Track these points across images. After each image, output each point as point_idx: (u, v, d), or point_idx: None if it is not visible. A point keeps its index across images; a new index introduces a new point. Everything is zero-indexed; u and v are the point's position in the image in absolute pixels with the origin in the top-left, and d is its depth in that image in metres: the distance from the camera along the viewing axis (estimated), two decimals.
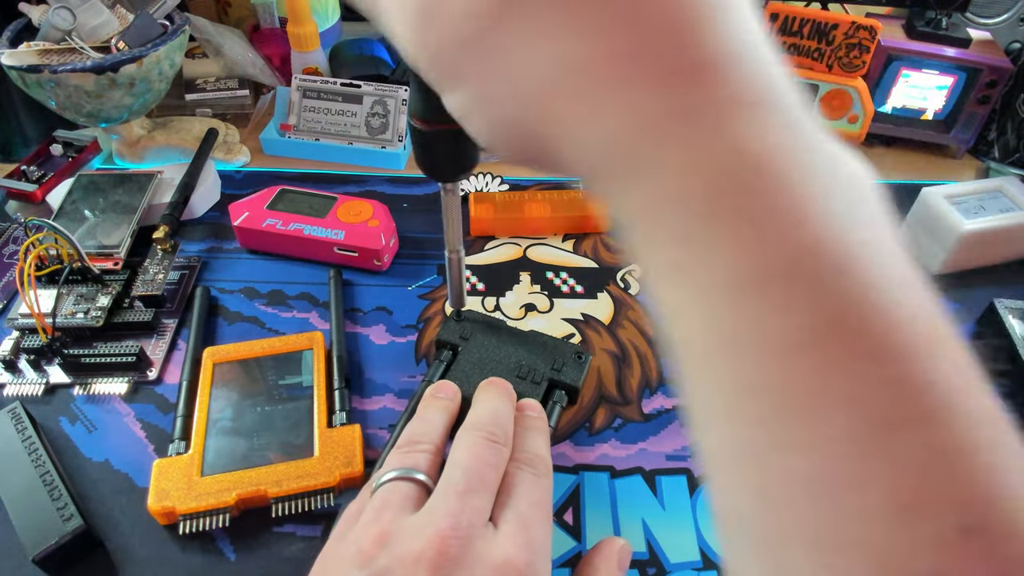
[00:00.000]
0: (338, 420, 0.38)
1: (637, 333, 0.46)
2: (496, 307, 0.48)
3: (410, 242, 0.52)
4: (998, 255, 0.51)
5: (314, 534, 0.35)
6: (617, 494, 0.37)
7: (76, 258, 0.45)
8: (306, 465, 0.35)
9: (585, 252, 0.52)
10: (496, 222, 0.53)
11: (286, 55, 0.66)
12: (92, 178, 0.53)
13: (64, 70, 0.49)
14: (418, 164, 0.31)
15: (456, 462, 0.28)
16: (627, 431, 0.40)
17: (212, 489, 0.34)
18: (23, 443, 0.36)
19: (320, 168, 0.60)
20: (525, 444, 0.30)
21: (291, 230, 0.49)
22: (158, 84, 0.54)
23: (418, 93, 0.28)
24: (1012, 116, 0.60)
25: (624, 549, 0.30)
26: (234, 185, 0.57)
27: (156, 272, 0.47)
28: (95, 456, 0.38)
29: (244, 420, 0.38)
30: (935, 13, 0.60)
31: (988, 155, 0.63)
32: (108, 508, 0.35)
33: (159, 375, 0.42)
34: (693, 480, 0.37)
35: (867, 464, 0.14)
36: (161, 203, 0.51)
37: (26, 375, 0.41)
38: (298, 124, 0.61)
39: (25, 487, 0.34)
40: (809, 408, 0.14)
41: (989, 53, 0.59)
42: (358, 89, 0.60)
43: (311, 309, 0.47)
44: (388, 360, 0.44)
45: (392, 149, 0.60)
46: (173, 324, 0.45)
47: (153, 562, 0.33)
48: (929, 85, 0.61)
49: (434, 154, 0.31)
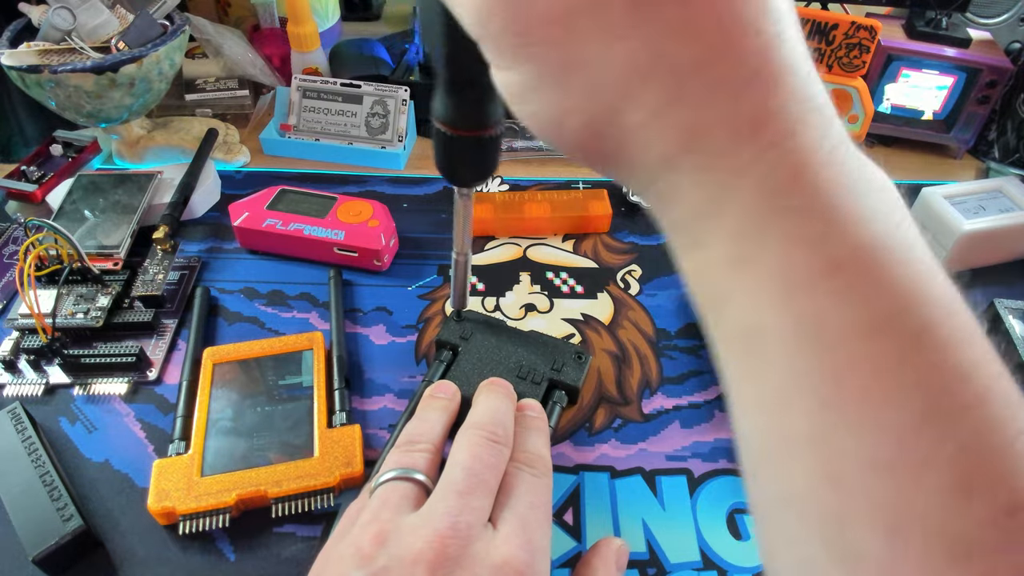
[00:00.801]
0: (338, 420, 0.38)
1: (637, 333, 0.46)
2: (496, 307, 0.48)
3: (410, 242, 0.52)
4: (998, 255, 0.51)
5: (314, 534, 0.35)
6: (617, 494, 0.37)
7: (76, 258, 0.45)
8: (306, 465, 0.35)
9: (585, 252, 0.52)
10: (496, 222, 0.53)
11: (286, 55, 0.66)
12: (92, 178, 0.53)
13: (64, 70, 0.49)
14: (438, 167, 0.31)
15: (456, 462, 0.28)
16: (627, 431, 0.40)
17: (212, 489, 0.34)
18: (23, 443, 0.36)
19: (320, 168, 0.60)
20: (525, 444, 0.30)
21: (291, 230, 0.49)
22: (158, 84, 0.54)
23: (448, 97, 0.27)
24: (1012, 116, 0.60)
25: (622, 549, 0.30)
26: (234, 185, 0.57)
27: (156, 272, 0.47)
28: (95, 456, 0.38)
29: (244, 420, 0.38)
30: (935, 13, 0.60)
31: (988, 155, 0.63)
32: (108, 508, 0.35)
33: (159, 375, 0.42)
34: (693, 480, 0.37)
35: (929, 447, 0.15)
36: (161, 203, 0.51)
37: (26, 375, 0.41)
38: (298, 124, 0.61)
39: (25, 487, 0.34)
40: (879, 393, 0.15)
41: (989, 53, 0.59)
42: (358, 89, 0.60)
43: (311, 309, 0.47)
44: (388, 360, 0.44)
45: (392, 149, 0.60)
46: (173, 324, 0.45)
47: (153, 562, 0.33)
48: (929, 85, 0.61)
49: (457, 159, 0.30)
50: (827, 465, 0.16)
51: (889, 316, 0.15)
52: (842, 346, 0.16)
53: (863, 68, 0.57)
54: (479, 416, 0.31)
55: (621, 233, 0.54)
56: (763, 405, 0.17)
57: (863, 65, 0.57)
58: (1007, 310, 0.44)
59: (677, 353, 0.44)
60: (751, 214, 0.16)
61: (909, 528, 0.15)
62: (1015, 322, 0.44)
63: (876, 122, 0.62)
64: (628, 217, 0.55)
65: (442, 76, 0.27)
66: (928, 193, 0.51)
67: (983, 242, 0.49)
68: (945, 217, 0.49)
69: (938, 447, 0.15)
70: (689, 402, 0.41)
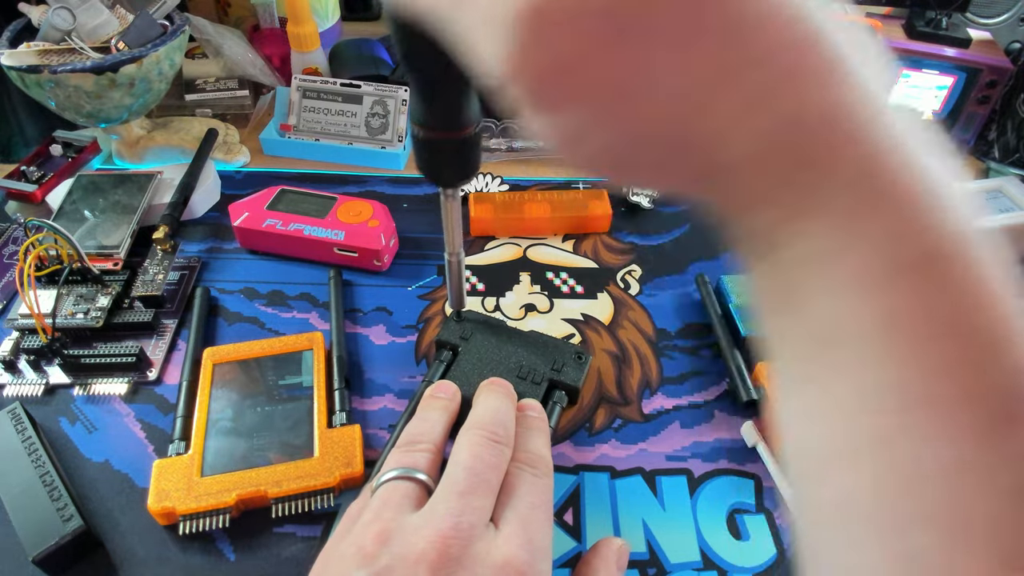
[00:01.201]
0: (338, 420, 0.38)
1: (637, 333, 0.46)
2: (496, 307, 0.48)
3: (410, 242, 0.52)
4: None
5: (314, 534, 0.35)
6: (617, 494, 0.37)
7: (76, 258, 0.45)
8: (306, 465, 0.35)
9: (585, 252, 0.52)
10: (496, 222, 0.53)
11: (286, 55, 0.66)
12: (92, 178, 0.53)
13: (64, 70, 0.49)
14: (419, 169, 0.31)
15: (458, 462, 0.28)
16: (627, 431, 0.40)
17: (212, 489, 0.34)
18: (23, 443, 0.36)
19: (320, 168, 0.60)
20: (526, 444, 0.30)
21: (291, 230, 0.49)
22: (158, 84, 0.54)
23: (421, 101, 0.28)
24: (1012, 116, 0.60)
25: (622, 549, 0.30)
26: (234, 185, 0.57)
27: (156, 272, 0.47)
28: (95, 456, 0.38)
29: (244, 420, 0.38)
30: (935, 13, 0.60)
31: (988, 155, 0.63)
32: (108, 508, 0.35)
33: (159, 375, 0.42)
34: (693, 480, 0.37)
35: (992, 453, 0.15)
36: (161, 203, 0.51)
37: (26, 375, 0.41)
38: (298, 124, 0.61)
39: (25, 487, 0.34)
40: (944, 399, 0.15)
41: (989, 53, 0.59)
42: (358, 89, 0.60)
43: (311, 309, 0.47)
44: (388, 360, 0.44)
45: (392, 149, 0.60)
46: (173, 324, 0.45)
47: (153, 562, 0.33)
48: (929, 85, 0.61)
49: (436, 160, 0.30)
50: (898, 468, 0.16)
51: (968, 315, 0.15)
52: (919, 347, 0.16)
53: None
54: (480, 416, 0.31)
55: (621, 233, 0.54)
56: (830, 408, 0.17)
57: None
58: None
59: (677, 353, 0.44)
60: (837, 211, 0.16)
61: (973, 532, 0.15)
62: None
63: None
64: (628, 217, 0.55)
65: (414, 82, 0.27)
66: None
67: None
68: None
69: (1002, 453, 0.15)
70: (689, 402, 0.41)
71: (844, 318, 0.17)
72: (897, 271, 0.16)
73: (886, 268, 0.16)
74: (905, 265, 0.16)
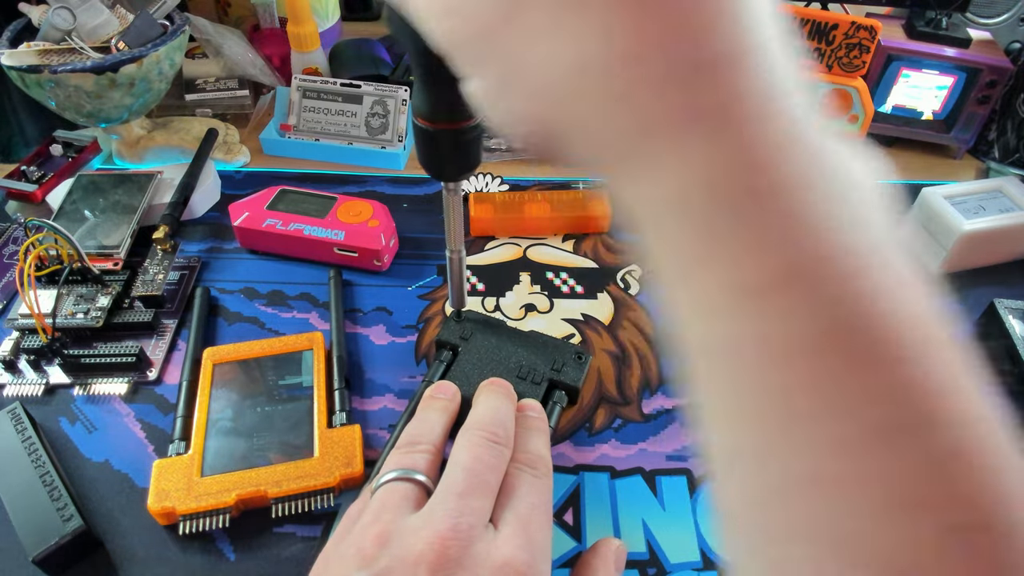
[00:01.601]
0: (338, 420, 0.38)
1: (637, 333, 0.46)
2: (496, 307, 0.48)
3: (410, 242, 0.52)
4: (998, 255, 0.51)
5: (314, 534, 0.35)
6: (617, 494, 0.37)
7: (76, 258, 0.45)
8: (306, 465, 0.35)
9: (585, 252, 0.52)
10: (496, 222, 0.53)
11: (286, 55, 0.66)
12: (92, 178, 0.53)
13: (64, 70, 0.49)
14: (421, 163, 0.31)
15: (457, 463, 0.28)
16: (627, 431, 0.40)
17: (212, 489, 0.34)
18: (23, 443, 0.36)
19: (320, 168, 0.60)
20: (525, 445, 0.30)
21: (291, 230, 0.49)
22: (158, 84, 0.54)
23: (422, 92, 0.28)
24: (1012, 116, 0.60)
25: (620, 550, 0.30)
26: (234, 185, 0.57)
27: (156, 272, 0.47)
28: (95, 456, 0.38)
29: (244, 420, 0.38)
30: (935, 13, 0.60)
31: (988, 155, 0.63)
32: (108, 508, 0.35)
33: (159, 375, 0.42)
34: (693, 480, 0.37)
35: (865, 465, 0.14)
36: (161, 203, 0.51)
37: (26, 375, 0.41)
38: (298, 124, 0.61)
39: (25, 487, 0.34)
40: (808, 413, 0.15)
41: (989, 53, 0.59)
42: (358, 89, 0.60)
43: (311, 309, 0.47)
44: (388, 360, 0.44)
45: (392, 149, 0.60)
46: (173, 324, 0.45)
47: (153, 562, 0.33)
48: (929, 85, 0.61)
49: (437, 153, 0.30)
50: (769, 480, 0.15)
51: (832, 331, 0.14)
52: (775, 362, 0.15)
53: (863, 68, 0.57)
54: (479, 416, 0.31)
55: (621, 233, 0.54)
56: (710, 418, 0.17)
57: (863, 65, 0.57)
58: (1007, 310, 0.44)
59: None
60: (703, 215, 0.15)
61: (844, 548, 0.14)
62: (1015, 322, 0.44)
63: (876, 122, 0.61)
64: None
65: (416, 72, 0.27)
66: (928, 193, 0.51)
67: (983, 242, 0.49)
68: (945, 217, 0.49)
69: (879, 465, 0.14)
70: None
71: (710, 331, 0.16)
72: (768, 284, 0.15)
73: (758, 280, 0.15)
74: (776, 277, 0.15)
